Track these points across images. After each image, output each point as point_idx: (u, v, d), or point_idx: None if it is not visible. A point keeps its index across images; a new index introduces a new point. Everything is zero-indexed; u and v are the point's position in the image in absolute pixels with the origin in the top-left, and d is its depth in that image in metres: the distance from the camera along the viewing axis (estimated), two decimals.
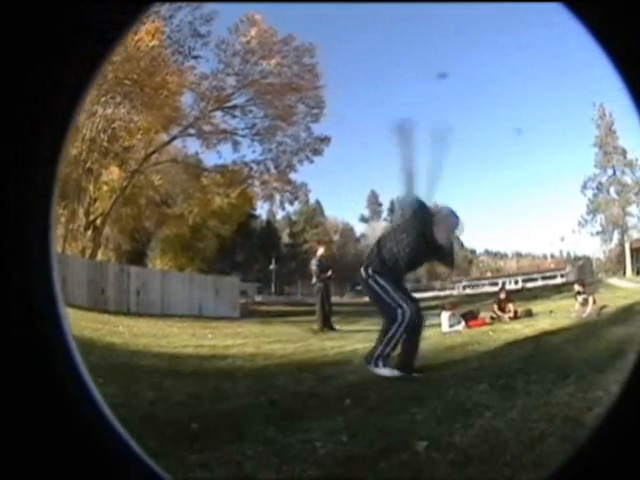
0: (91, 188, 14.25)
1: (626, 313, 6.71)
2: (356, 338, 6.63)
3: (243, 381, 3.56)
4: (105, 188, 14.68)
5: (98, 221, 14.68)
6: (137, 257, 17.67)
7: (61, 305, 0.78)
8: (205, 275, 17.08)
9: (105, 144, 13.95)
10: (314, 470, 1.82)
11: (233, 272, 17.58)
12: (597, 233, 25.96)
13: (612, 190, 25.91)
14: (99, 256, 15.07)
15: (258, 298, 18.51)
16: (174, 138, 17.11)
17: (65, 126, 0.77)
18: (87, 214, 14.37)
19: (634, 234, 25.85)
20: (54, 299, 0.77)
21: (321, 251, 9.44)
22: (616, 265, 26.90)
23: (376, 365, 3.60)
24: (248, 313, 14.99)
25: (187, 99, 17.04)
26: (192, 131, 17.52)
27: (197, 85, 16.91)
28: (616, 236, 26.15)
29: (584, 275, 25.97)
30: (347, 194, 29.15)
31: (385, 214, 27.35)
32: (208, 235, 18.13)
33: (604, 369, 3.05)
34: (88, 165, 13.75)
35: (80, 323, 6.87)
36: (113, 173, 14.91)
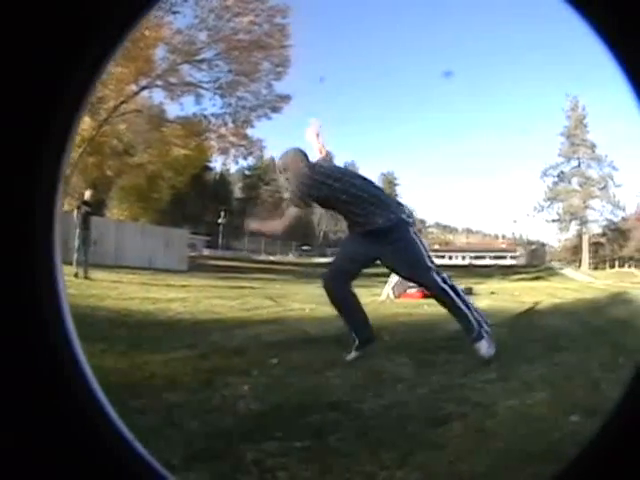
0: None
1: (573, 307, 6.29)
2: None
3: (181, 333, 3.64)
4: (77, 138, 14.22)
5: (67, 171, 14.04)
6: (97, 206, 17.43)
7: (64, 294, 0.75)
8: (157, 226, 16.76)
9: None
10: None
11: (184, 225, 17.28)
12: (553, 221, 26.22)
13: (575, 181, 26.13)
14: (65, 207, 14.54)
15: (206, 252, 18.30)
16: (143, 89, 16.90)
17: (71, 122, 0.75)
18: None
19: (594, 228, 26.10)
20: (58, 294, 0.74)
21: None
22: (571, 256, 27.08)
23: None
24: (195, 267, 14.68)
25: (160, 52, 16.80)
26: (159, 82, 17.37)
27: (170, 39, 16.71)
28: (574, 227, 26.44)
29: (536, 260, 25.82)
30: None
31: None
32: (163, 186, 17.81)
33: (533, 361, 2.75)
34: None
35: None
36: (84, 123, 14.45)
